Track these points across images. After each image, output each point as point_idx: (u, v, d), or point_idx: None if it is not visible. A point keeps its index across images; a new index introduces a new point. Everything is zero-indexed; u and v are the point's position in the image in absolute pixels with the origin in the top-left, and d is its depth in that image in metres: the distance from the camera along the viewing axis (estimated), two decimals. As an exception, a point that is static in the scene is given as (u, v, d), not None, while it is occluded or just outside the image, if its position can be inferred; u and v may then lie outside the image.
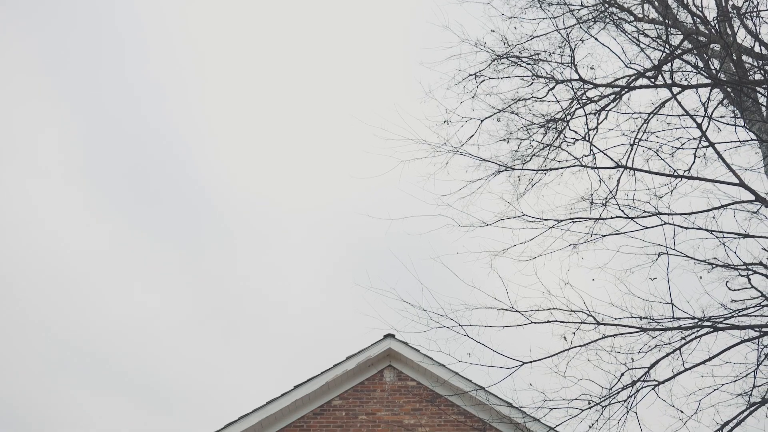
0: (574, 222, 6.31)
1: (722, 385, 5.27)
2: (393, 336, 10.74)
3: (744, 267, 6.18)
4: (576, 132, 7.17)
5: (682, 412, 5.96)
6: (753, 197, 5.81)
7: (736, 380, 5.32)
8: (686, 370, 5.92)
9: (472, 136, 8.21)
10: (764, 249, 6.29)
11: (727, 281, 6.31)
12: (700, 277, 6.27)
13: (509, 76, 8.28)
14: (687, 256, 6.16)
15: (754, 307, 5.95)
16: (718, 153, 5.84)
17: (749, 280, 6.21)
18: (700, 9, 6.65)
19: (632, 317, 5.63)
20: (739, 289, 6.35)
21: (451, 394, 10.11)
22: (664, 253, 6.27)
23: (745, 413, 5.07)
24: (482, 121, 8.32)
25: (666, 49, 6.35)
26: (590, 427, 6.17)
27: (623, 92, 7.88)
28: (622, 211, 5.91)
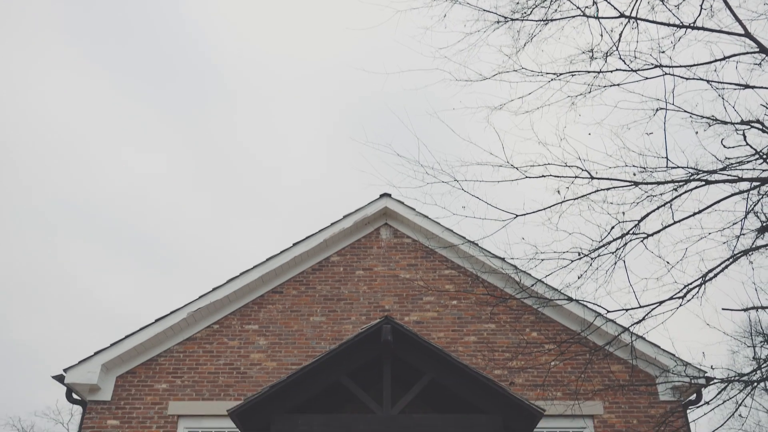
0: (573, 75, 6.19)
1: (709, 234, 5.43)
2: (389, 195, 10.91)
3: (741, 123, 6.17)
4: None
5: (668, 262, 6.17)
6: (757, 48, 5.67)
7: (723, 230, 5.48)
8: (675, 222, 6.06)
9: (471, -14, 7.83)
10: (762, 105, 6.24)
11: (722, 139, 6.32)
12: (696, 132, 6.27)
13: None
14: (685, 111, 6.11)
15: (747, 162, 6.00)
16: (725, 1, 5.62)
17: (744, 137, 6.22)
18: None
19: (626, 166, 5.68)
20: (733, 147, 6.38)
21: (444, 247, 10.42)
22: (662, 109, 6.22)
23: (729, 261, 5.26)
24: (482, -30, 7.91)
25: None
26: (579, 277, 6.41)
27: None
28: (623, 61, 5.77)
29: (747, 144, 6.17)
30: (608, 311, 5.71)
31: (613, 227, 6.26)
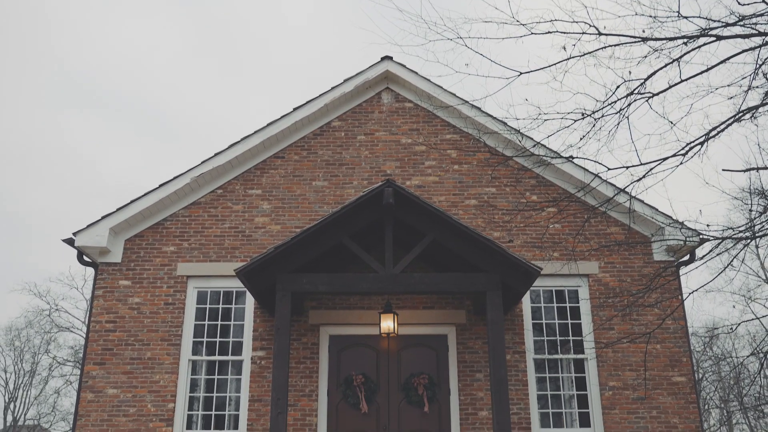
0: None
1: (716, 89, 5.32)
2: (390, 58, 10.63)
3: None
4: None
5: (672, 122, 6.12)
6: None
7: (730, 85, 5.36)
8: (682, 81, 5.94)
9: None
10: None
11: (739, -7, 6.06)
12: (712, -15, 6.00)
13: None
14: (701, -38, 5.82)
15: (761, 15, 5.77)
16: None
17: (761, -9, 5.96)
18: None
19: (636, 15, 5.47)
20: (748, 3, 6.13)
21: (446, 107, 10.30)
22: (677, -42, 5.91)
23: (734, 118, 5.19)
24: None
25: None
26: (581, 138, 6.37)
27: None
28: None
29: (763, 0, 5.91)
30: (609, 169, 5.73)
31: (618, 86, 6.15)
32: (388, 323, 9.02)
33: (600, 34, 5.85)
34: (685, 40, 5.42)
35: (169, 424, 8.95)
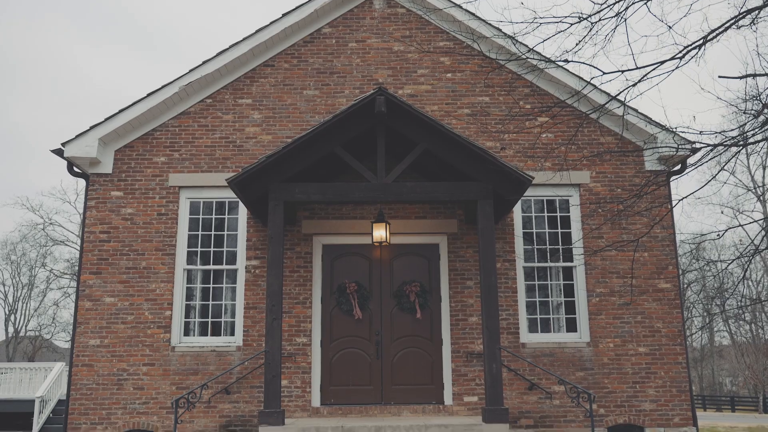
0: None
1: (718, -12, 5.15)
2: (382, -40, 10.24)
3: None
4: None
5: (669, 26, 5.97)
6: None
7: (732, -15, 5.20)
8: (683, -18, 5.76)
9: None
10: None
11: None
12: None
13: None
14: None
15: None
16: None
17: None
18: None
19: None
20: None
21: (438, 9, 10.00)
22: None
23: (734, 19, 5.06)
24: None
25: None
26: (577, 43, 6.23)
27: None
28: None
29: None
30: (604, 73, 5.62)
31: (617, -12, 5.96)
32: (380, 232, 9.11)
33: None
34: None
35: (166, 331, 9.17)
